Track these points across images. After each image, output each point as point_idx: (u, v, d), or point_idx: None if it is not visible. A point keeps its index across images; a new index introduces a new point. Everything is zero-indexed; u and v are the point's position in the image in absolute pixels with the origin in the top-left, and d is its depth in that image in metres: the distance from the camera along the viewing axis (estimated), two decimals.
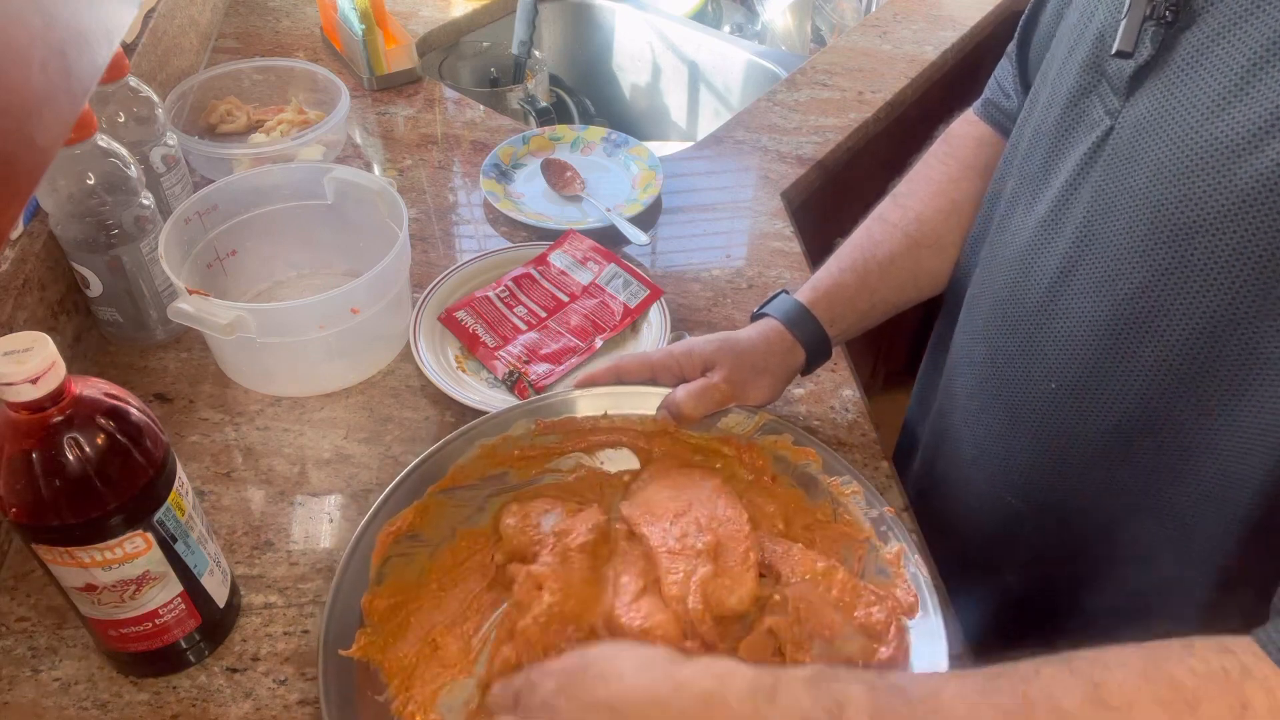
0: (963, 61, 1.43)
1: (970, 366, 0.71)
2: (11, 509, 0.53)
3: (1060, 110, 0.60)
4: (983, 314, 0.69)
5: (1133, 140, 0.53)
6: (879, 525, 0.66)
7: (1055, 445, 0.64)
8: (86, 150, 0.77)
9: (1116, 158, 0.54)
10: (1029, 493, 0.68)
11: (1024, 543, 0.71)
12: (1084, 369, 0.59)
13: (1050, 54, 0.65)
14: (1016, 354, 0.65)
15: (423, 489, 0.68)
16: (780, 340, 0.75)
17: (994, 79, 0.80)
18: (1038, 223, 0.61)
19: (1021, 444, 0.66)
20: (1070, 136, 0.59)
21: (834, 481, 0.69)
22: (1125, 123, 0.53)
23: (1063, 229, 0.59)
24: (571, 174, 1.13)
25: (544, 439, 0.73)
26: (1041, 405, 0.63)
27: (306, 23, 1.41)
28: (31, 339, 0.50)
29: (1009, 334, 0.65)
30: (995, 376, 0.67)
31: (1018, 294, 0.64)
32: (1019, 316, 0.64)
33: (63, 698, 0.64)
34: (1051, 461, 0.64)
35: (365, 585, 0.64)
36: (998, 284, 0.67)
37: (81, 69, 0.31)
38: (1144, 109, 0.52)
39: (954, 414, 0.75)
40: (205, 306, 0.76)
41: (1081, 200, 0.57)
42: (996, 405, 0.68)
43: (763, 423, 0.73)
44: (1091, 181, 0.56)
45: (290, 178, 0.90)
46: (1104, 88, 0.56)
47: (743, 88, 1.51)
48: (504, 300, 0.93)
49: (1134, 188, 0.52)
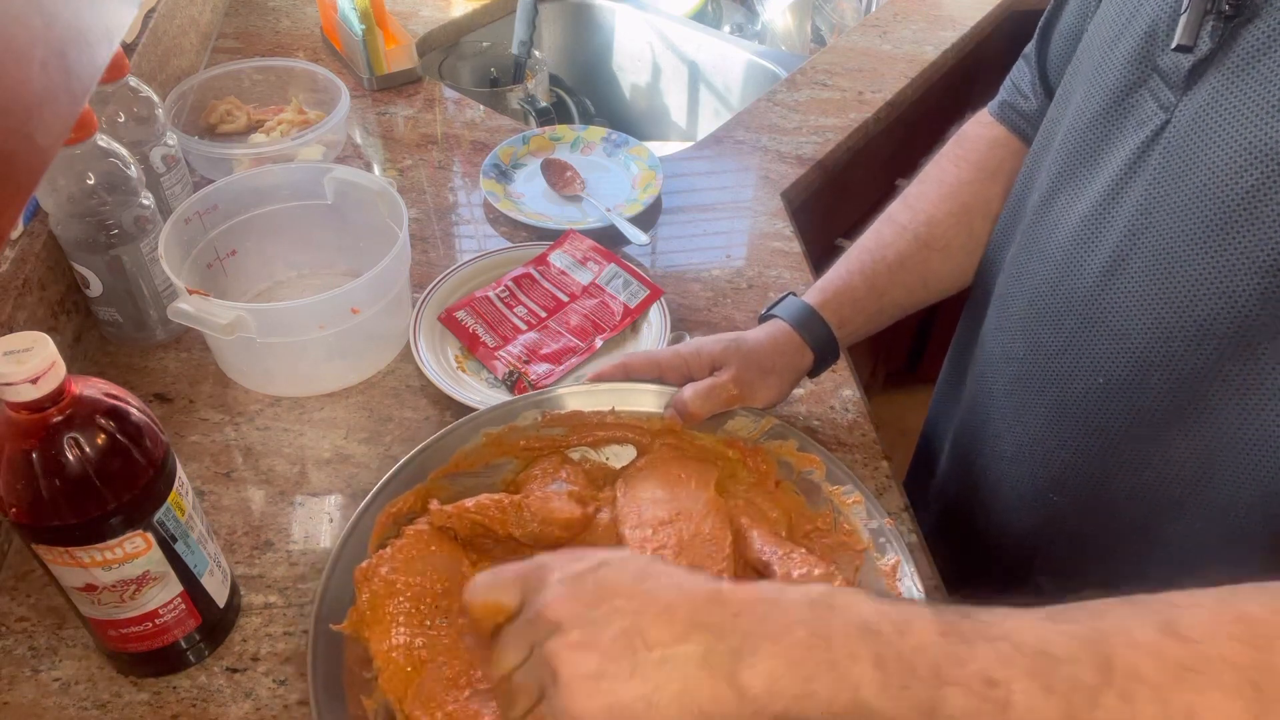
0: (963, 61, 1.43)
1: (1007, 363, 0.71)
2: (11, 509, 0.53)
3: (1101, 105, 0.60)
4: (1019, 310, 0.68)
5: (1191, 133, 0.53)
6: (878, 537, 0.66)
7: (1103, 438, 0.63)
8: (86, 150, 0.77)
9: (1174, 150, 0.54)
10: (1073, 488, 0.67)
11: (1063, 541, 0.70)
12: (1137, 365, 0.58)
13: (1083, 50, 0.64)
14: (1062, 348, 0.64)
15: (425, 474, 0.69)
16: (789, 341, 0.74)
17: (1010, 81, 0.79)
18: (1082, 216, 0.61)
19: (1067, 439, 0.65)
20: (1117, 130, 0.58)
21: (836, 490, 0.69)
22: (1183, 116, 0.53)
23: (1112, 221, 0.58)
24: (571, 174, 1.13)
25: (550, 431, 0.73)
26: (1090, 399, 0.62)
27: (306, 23, 1.41)
28: (31, 339, 0.50)
29: (1053, 328, 0.64)
30: (1038, 372, 0.67)
31: (1062, 288, 0.63)
32: (1063, 310, 0.63)
33: (63, 698, 0.64)
34: (1099, 455, 0.64)
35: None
36: (1037, 279, 0.66)
37: (81, 69, 0.31)
38: (1203, 102, 0.52)
39: (990, 413, 0.74)
40: (205, 306, 0.76)
41: (1134, 193, 0.57)
42: (1040, 401, 0.67)
43: (768, 427, 0.73)
44: (1146, 174, 0.56)
45: (290, 178, 0.90)
46: (1155, 82, 0.55)
47: (743, 88, 1.51)
48: (504, 300, 0.93)
49: (1195, 180, 0.52)
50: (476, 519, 0.65)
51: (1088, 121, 0.61)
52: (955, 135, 0.82)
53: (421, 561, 0.63)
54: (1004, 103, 0.79)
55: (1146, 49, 0.56)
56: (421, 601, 0.62)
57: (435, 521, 0.65)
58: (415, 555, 0.63)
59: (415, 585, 0.62)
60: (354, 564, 0.63)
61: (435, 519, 0.65)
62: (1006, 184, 0.77)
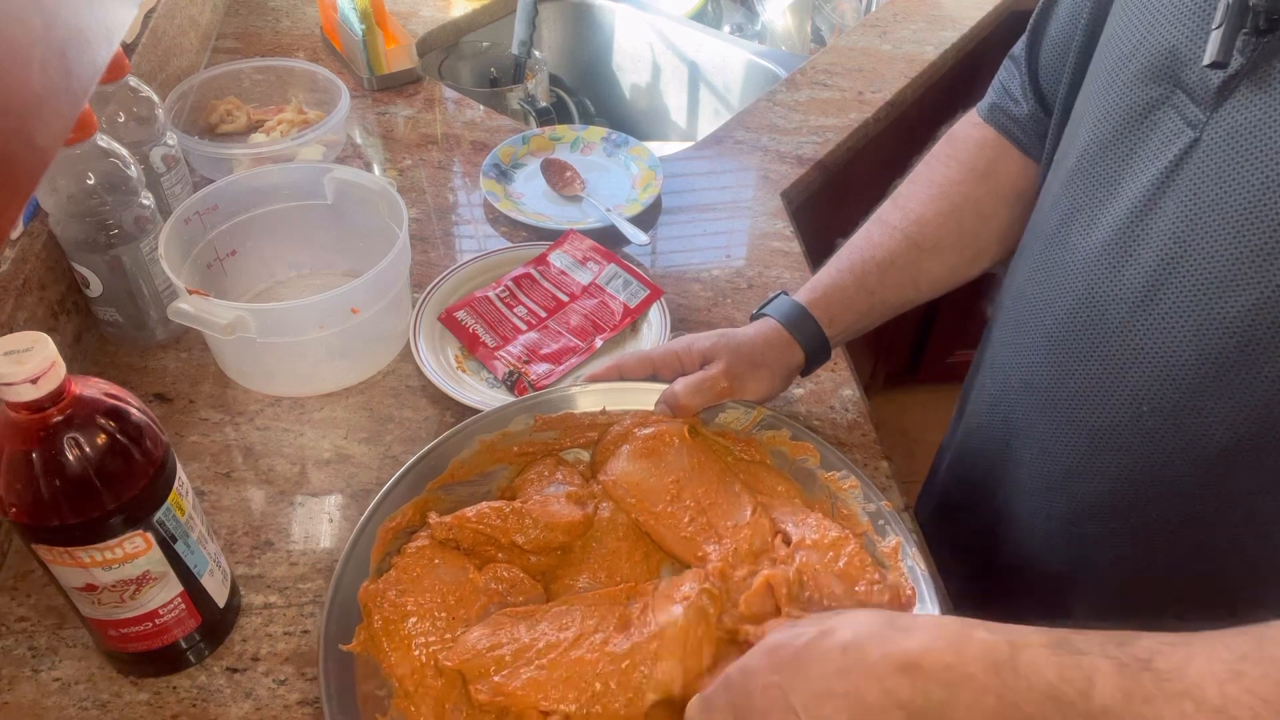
0: (963, 61, 1.43)
1: (1028, 393, 0.68)
2: (11, 509, 0.53)
3: (1120, 124, 0.58)
4: (1040, 338, 0.66)
5: (1229, 151, 0.51)
6: (876, 519, 0.66)
7: (1146, 468, 0.60)
8: (86, 150, 0.77)
9: (1209, 169, 0.52)
10: (1111, 516, 0.64)
11: (1099, 567, 0.68)
12: (1184, 391, 0.56)
13: (1094, 68, 0.63)
14: (1095, 378, 0.61)
15: (422, 485, 0.68)
16: (779, 337, 0.75)
17: (999, 83, 0.79)
18: (1107, 240, 0.59)
19: (1104, 469, 0.63)
20: (1139, 149, 0.57)
21: (831, 476, 0.70)
22: (1216, 134, 0.52)
23: (1144, 245, 0.56)
24: (571, 174, 1.13)
25: (543, 435, 0.73)
26: (1129, 429, 0.60)
27: (306, 23, 1.41)
28: (31, 339, 0.50)
29: (1083, 358, 0.62)
30: (1068, 402, 0.64)
31: (1091, 315, 0.60)
32: (1094, 340, 0.60)
33: (63, 698, 0.64)
34: (1142, 484, 0.61)
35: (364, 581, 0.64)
36: (1058, 306, 0.63)
37: (81, 69, 0.31)
38: (1240, 119, 0.50)
39: (1009, 443, 0.72)
40: (205, 306, 0.76)
41: (1166, 214, 0.54)
42: (1072, 432, 0.64)
43: (760, 418, 0.73)
44: (1177, 194, 0.54)
45: (290, 178, 0.90)
46: (1180, 98, 0.54)
47: (743, 88, 1.51)
48: (504, 300, 0.93)
49: (1237, 200, 0.50)
50: (478, 529, 0.65)
51: (1106, 140, 0.59)
52: (945, 135, 0.82)
53: (428, 578, 0.63)
54: (994, 105, 0.79)
55: (1168, 65, 0.54)
56: (436, 618, 0.62)
57: (436, 535, 0.65)
58: (421, 573, 0.63)
59: (426, 603, 0.62)
60: (357, 582, 0.63)
61: (436, 532, 0.65)
62: (996, 185, 0.76)
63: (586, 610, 0.61)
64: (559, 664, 0.58)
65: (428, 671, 0.60)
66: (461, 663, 0.59)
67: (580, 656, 0.58)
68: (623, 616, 0.60)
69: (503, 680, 0.57)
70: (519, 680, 0.57)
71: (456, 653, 0.59)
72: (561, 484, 0.69)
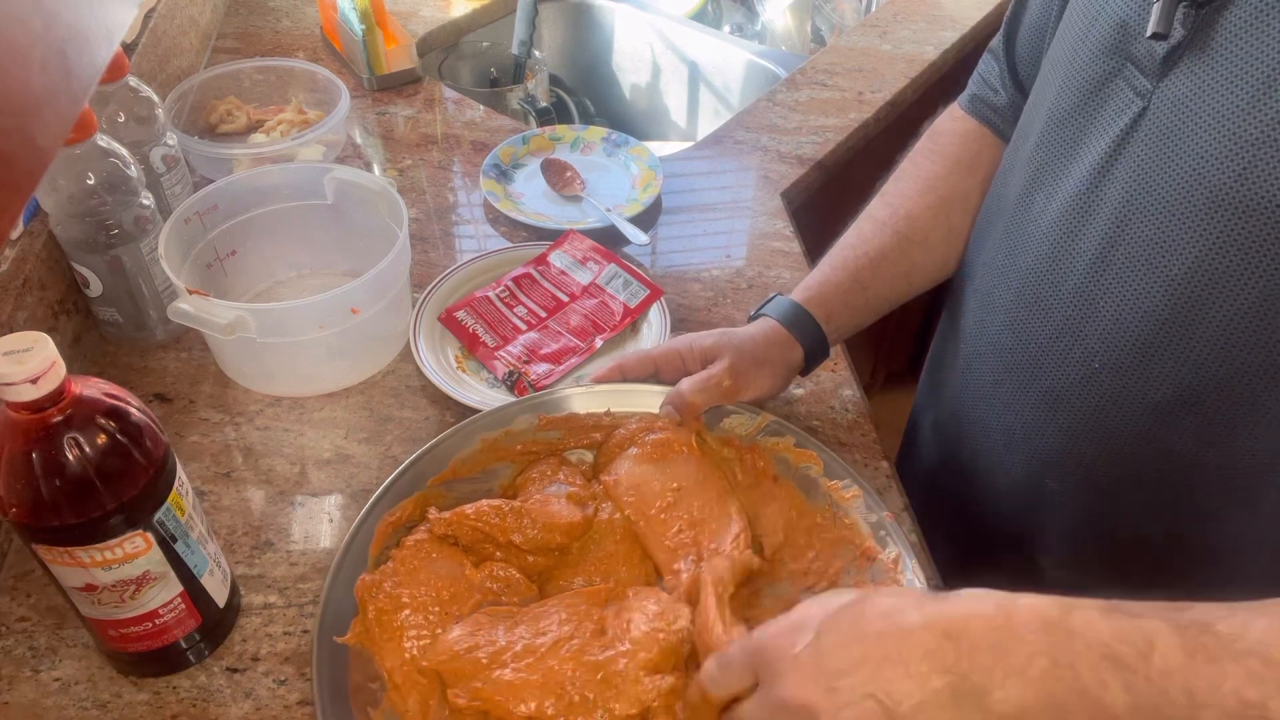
0: (963, 61, 1.43)
1: (995, 355, 0.71)
2: (11, 509, 0.53)
3: (1078, 96, 0.60)
4: (1005, 303, 0.69)
5: (1173, 119, 0.53)
6: (878, 530, 0.66)
7: (1098, 424, 0.63)
8: (86, 150, 0.77)
9: (1155, 136, 0.55)
10: (1069, 472, 0.67)
11: (1061, 522, 0.71)
12: (1132, 347, 0.59)
13: (1055, 44, 0.65)
14: (1052, 338, 0.65)
15: (423, 481, 0.68)
16: (778, 336, 0.75)
17: (978, 74, 0.81)
18: (1065, 207, 0.62)
19: (1060, 426, 0.66)
20: (1094, 120, 0.59)
21: (834, 485, 0.69)
22: (1161, 102, 0.54)
23: (1098, 210, 0.59)
24: (571, 174, 1.13)
25: (547, 434, 0.73)
26: (1083, 387, 0.63)
27: (306, 23, 1.41)
28: (31, 339, 0.50)
29: (1042, 319, 0.65)
30: (1028, 363, 0.67)
31: (1050, 279, 0.64)
32: (1053, 302, 0.64)
33: (63, 698, 0.64)
34: (1094, 439, 0.64)
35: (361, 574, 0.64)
36: (1022, 271, 0.67)
37: (81, 69, 0.31)
38: (1183, 89, 0.53)
39: (978, 404, 0.75)
40: (205, 306, 0.76)
41: (1117, 181, 0.57)
42: (1030, 391, 0.68)
43: (765, 424, 0.73)
44: (1127, 161, 0.57)
45: (290, 178, 0.90)
46: (1130, 70, 0.56)
47: (743, 88, 1.51)
48: (504, 300, 0.93)
49: (1180, 165, 0.53)
50: (477, 526, 0.65)
51: (1065, 113, 0.62)
52: (928, 130, 0.84)
53: (425, 571, 0.63)
54: (974, 96, 0.80)
55: (1119, 39, 0.57)
56: (429, 612, 0.62)
57: (435, 530, 0.65)
58: (417, 566, 0.63)
59: (421, 596, 0.62)
60: (354, 575, 0.63)
61: (435, 528, 0.65)
62: (982, 176, 0.78)
63: (565, 614, 0.61)
64: (535, 668, 0.58)
65: (416, 665, 0.60)
66: (438, 664, 0.59)
67: (555, 664, 0.58)
68: (599, 621, 0.60)
69: (481, 686, 0.57)
70: (495, 686, 0.57)
71: (434, 653, 0.59)
72: (563, 484, 0.69)
